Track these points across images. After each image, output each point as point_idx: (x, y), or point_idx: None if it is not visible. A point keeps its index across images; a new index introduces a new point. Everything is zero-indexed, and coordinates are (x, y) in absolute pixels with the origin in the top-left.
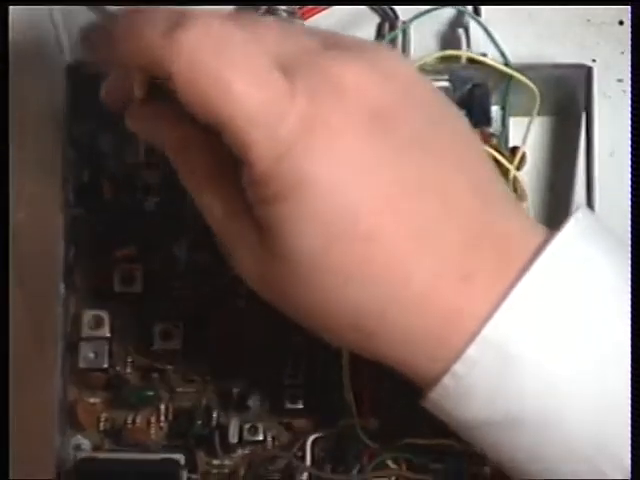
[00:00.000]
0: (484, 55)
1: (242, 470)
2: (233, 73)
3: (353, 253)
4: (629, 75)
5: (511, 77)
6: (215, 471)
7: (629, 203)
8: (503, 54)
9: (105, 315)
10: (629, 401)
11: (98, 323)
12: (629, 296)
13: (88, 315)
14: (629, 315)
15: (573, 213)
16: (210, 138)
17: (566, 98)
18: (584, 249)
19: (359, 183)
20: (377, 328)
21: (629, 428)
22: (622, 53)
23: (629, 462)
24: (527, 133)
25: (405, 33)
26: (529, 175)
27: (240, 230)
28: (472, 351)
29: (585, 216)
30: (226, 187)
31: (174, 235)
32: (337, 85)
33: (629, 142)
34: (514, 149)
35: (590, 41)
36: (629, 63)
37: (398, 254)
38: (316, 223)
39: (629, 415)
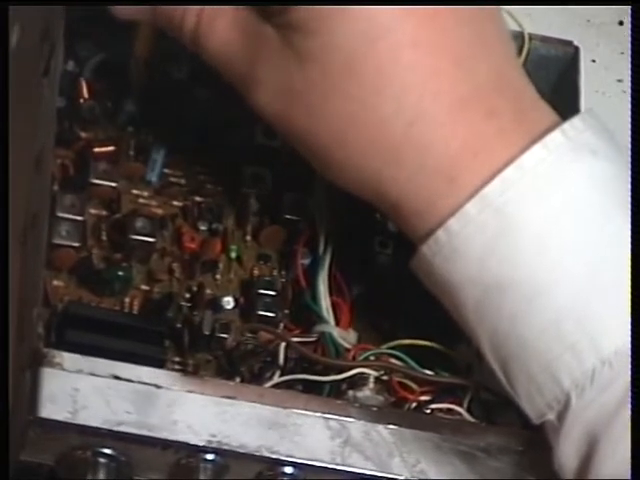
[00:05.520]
0: None
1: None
2: None
3: (399, 56)
4: (629, 75)
5: None
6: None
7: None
8: None
9: (79, 201)
10: (619, 290)
11: (73, 206)
12: (628, 193)
13: (64, 198)
14: (627, 210)
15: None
16: None
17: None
18: (593, 140)
19: None
20: (399, 146)
21: (614, 316)
22: (622, 53)
23: (607, 349)
24: None
25: None
26: None
27: (259, 40)
28: (470, 207)
29: (594, 115)
30: (233, 9)
31: (153, 139)
32: None
33: (629, 142)
34: None
35: (590, 41)
36: (629, 63)
37: (440, 65)
38: (361, 20)
39: (617, 304)
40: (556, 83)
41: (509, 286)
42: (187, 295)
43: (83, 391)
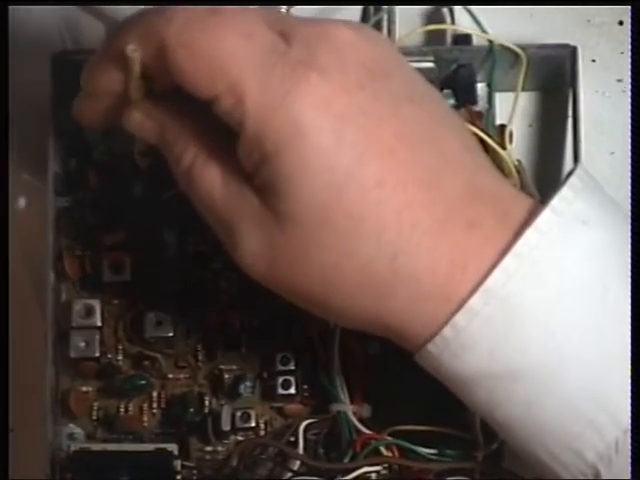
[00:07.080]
0: (468, 36)
1: (235, 456)
2: (222, 28)
3: (367, 199)
4: (629, 75)
5: (491, 49)
6: (208, 457)
7: (629, 202)
8: (485, 31)
9: (96, 304)
10: (628, 363)
11: (89, 312)
12: (627, 259)
13: (78, 304)
14: (627, 277)
15: (573, 171)
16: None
17: (551, 74)
18: (582, 209)
19: (362, 134)
20: (388, 282)
21: (628, 388)
22: (622, 53)
23: (627, 420)
24: (514, 106)
25: (390, 16)
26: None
27: (241, 200)
28: (474, 302)
29: (582, 176)
30: (223, 162)
31: (162, 222)
32: (333, 39)
33: (629, 142)
34: (502, 127)
35: (590, 41)
36: (629, 63)
37: (408, 199)
38: (322, 172)
39: (628, 375)
40: (554, 83)
41: (520, 374)
42: (209, 380)
43: None
